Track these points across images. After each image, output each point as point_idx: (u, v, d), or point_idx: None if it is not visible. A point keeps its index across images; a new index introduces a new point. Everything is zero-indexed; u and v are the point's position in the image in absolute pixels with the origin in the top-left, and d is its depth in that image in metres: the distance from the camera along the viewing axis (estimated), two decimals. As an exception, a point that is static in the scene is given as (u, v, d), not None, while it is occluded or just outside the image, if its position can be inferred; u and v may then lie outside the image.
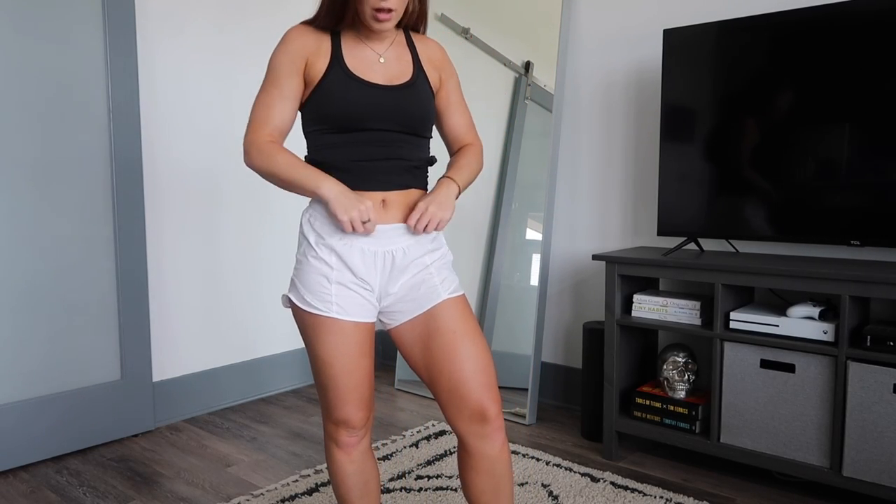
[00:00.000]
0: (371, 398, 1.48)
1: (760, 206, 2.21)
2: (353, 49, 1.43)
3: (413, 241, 1.45)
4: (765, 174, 2.19)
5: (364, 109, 1.39)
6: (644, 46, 2.66)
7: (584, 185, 2.86)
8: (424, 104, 1.45)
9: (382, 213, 1.43)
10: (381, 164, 1.42)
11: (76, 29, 2.48)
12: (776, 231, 2.19)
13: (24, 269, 2.40)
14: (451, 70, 1.56)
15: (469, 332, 1.44)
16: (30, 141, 2.40)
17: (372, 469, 1.53)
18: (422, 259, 1.46)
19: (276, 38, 3.12)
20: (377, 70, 1.43)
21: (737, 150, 2.24)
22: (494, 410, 1.42)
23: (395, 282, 1.44)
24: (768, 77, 2.16)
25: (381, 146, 1.41)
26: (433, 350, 1.44)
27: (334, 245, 1.41)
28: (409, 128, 1.44)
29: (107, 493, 2.23)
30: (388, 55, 1.46)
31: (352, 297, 1.41)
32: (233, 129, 2.99)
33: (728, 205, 2.27)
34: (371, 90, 1.40)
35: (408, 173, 1.45)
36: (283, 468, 2.41)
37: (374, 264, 1.42)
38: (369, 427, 1.51)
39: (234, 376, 3.06)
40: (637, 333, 2.50)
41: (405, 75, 1.45)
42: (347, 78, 1.39)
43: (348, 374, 1.42)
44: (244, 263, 3.08)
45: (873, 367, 1.91)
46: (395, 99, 1.41)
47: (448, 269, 1.51)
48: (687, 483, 2.24)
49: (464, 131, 1.59)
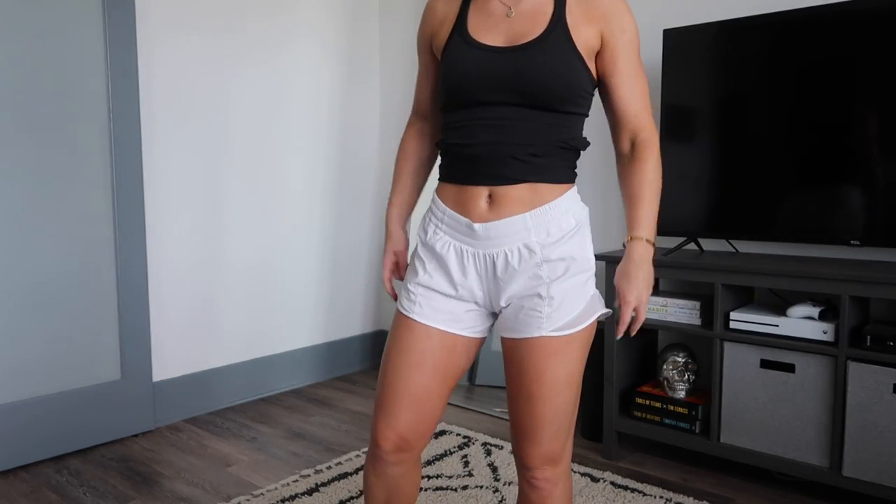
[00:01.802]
0: (416, 424, 1.25)
1: (760, 206, 2.21)
2: (481, 6, 1.22)
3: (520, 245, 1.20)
4: (765, 174, 2.19)
5: (471, 78, 1.17)
6: (644, 46, 2.66)
7: (584, 185, 2.86)
8: (556, 67, 1.15)
9: (486, 211, 1.21)
10: (486, 150, 1.19)
11: (76, 29, 2.48)
12: (776, 231, 2.19)
13: (24, 269, 2.40)
14: (625, 24, 1.20)
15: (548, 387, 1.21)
16: (30, 141, 2.39)
17: (403, 490, 1.32)
18: (535, 269, 1.21)
19: (277, 40, 3.12)
20: (501, 28, 1.19)
21: (736, 149, 2.24)
22: (537, 462, 1.25)
23: (503, 292, 1.23)
24: (768, 77, 2.16)
25: (490, 127, 1.18)
26: (509, 380, 1.27)
27: (434, 245, 1.27)
28: (533, 99, 1.16)
29: (107, 493, 2.23)
30: (521, 8, 1.19)
31: (439, 302, 1.25)
32: (233, 129, 2.99)
33: (728, 205, 2.27)
34: (484, 54, 1.17)
35: (522, 163, 1.18)
36: (283, 468, 2.41)
37: (473, 267, 1.24)
38: (404, 460, 1.28)
39: (235, 376, 3.06)
40: (637, 333, 2.50)
41: (535, 32, 1.17)
42: (463, 42, 1.20)
43: (400, 375, 1.24)
44: (244, 263, 3.08)
45: (873, 367, 1.91)
46: (512, 62, 1.15)
47: (576, 291, 1.21)
48: (687, 483, 2.24)
49: (633, 110, 1.23)
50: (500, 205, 1.20)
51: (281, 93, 3.15)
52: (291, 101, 3.20)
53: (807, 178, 2.12)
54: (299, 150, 3.25)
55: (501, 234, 1.20)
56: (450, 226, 1.25)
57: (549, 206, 1.21)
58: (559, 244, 1.21)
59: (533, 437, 1.24)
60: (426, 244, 1.29)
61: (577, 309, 1.22)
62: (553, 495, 1.28)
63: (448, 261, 1.25)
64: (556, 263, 1.21)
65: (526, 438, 1.25)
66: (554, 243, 1.21)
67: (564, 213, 1.22)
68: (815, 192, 2.11)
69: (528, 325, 1.21)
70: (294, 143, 3.23)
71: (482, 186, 1.21)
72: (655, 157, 1.24)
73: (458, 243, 1.24)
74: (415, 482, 1.34)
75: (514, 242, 1.20)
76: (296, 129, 3.23)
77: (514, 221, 1.20)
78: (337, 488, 2.21)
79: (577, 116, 1.22)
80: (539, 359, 1.21)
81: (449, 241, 1.25)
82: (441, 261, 1.26)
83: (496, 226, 1.20)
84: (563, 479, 1.29)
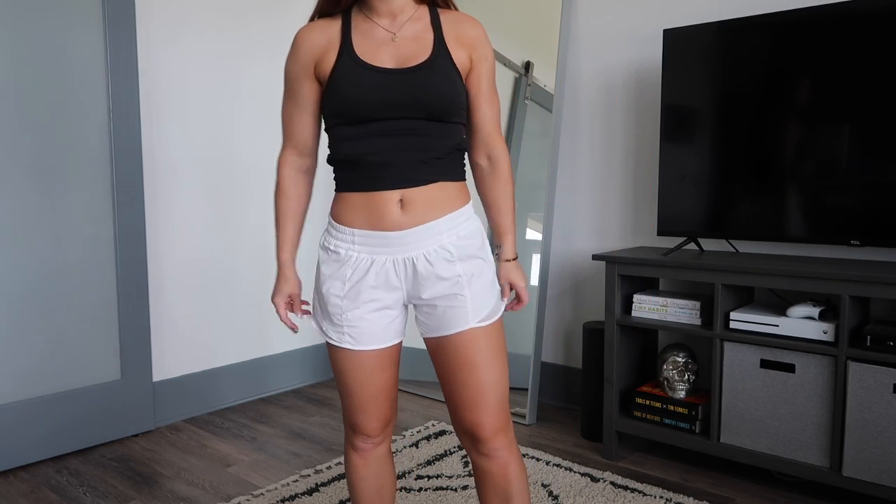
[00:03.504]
0: (388, 409, 1.44)
1: (760, 206, 2.21)
2: (364, 31, 1.32)
3: (436, 247, 1.33)
4: (765, 174, 2.19)
5: (372, 98, 1.27)
6: (644, 46, 2.66)
7: (584, 185, 2.86)
8: (446, 86, 1.29)
9: (399, 216, 1.31)
10: (395, 156, 1.29)
11: (76, 29, 2.48)
12: (776, 231, 2.19)
13: (24, 269, 2.40)
14: (486, 52, 1.37)
15: (484, 363, 1.35)
16: (30, 141, 2.40)
17: (388, 476, 1.50)
18: (452, 268, 1.34)
19: (275, 38, 3.12)
20: (388, 52, 1.30)
21: (737, 149, 2.24)
22: (488, 432, 1.37)
23: (424, 290, 1.34)
24: (768, 77, 2.16)
25: (395, 137, 1.29)
26: (445, 369, 1.39)
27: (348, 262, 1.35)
28: (429, 114, 1.29)
29: (107, 493, 2.23)
30: (403, 34, 1.32)
31: (367, 322, 1.36)
32: (233, 129, 2.99)
33: (728, 205, 2.27)
34: (379, 76, 1.28)
35: (428, 166, 1.31)
36: (283, 468, 2.41)
37: (394, 274, 1.34)
38: (387, 435, 1.48)
39: (234, 376, 3.06)
40: (637, 333, 2.50)
41: (422, 55, 1.30)
42: (354, 65, 1.29)
43: (361, 385, 1.40)
44: (245, 263, 3.08)
45: (873, 367, 1.91)
46: (407, 84, 1.28)
47: (487, 287, 1.38)
48: (687, 483, 2.24)
49: (489, 129, 1.42)
50: (413, 206, 1.31)
51: (281, 92, 3.15)
52: (291, 101, 3.19)
53: (807, 177, 2.12)
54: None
55: (418, 238, 1.32)
56: (363, 242, 1.34)
57: (458, 213, 1.36)
58: (470, 246, 1.36)
59: (482, 406, 1.36)
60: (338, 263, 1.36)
61: (492, 303, 1.39)
62: (510, 465, 1.40)
63: (368, 275, 1.34)
64: (470, 262, 1.36)
65: (476, 409, 1.36)
66: (465, 246, 1.35)
67: (469, 219, 1.38)
68: (815, 191, 2.11)
69: (456, 321, 1.34)
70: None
71: (393, 191, 1.31)
72: (510, 171, 1.46)
73: (375, 256, 1.33)
74: (394, 466, 1.53)
75: (431, 245, 1.32)
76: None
77: (430, 227, 1.32)
78: (337, 488, 2.21)
79: (461, 126, 1.38)
80: (471, 341, 1.35)
81: (366, 256, 1.34)
82: (360, 277, 1.34)
83: (413, 232, 1.31)
84: (516, 451, 1.42)
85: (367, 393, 1.40)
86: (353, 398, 1.42)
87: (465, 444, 1.43)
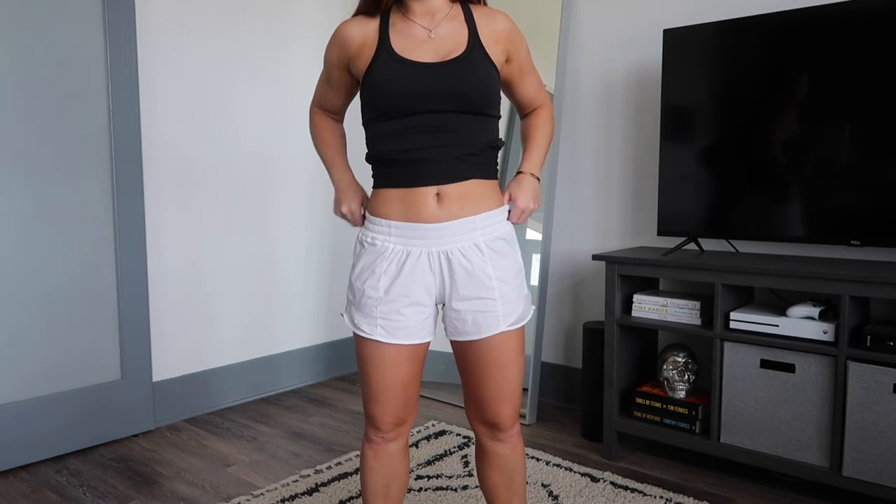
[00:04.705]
0: (402, 405, 1.45)
1: (760, 206, 2.21)
2: (401, 29, 1.37)
3: (471, 244, 1.37)
4: (765, 174, 2.19)
5: (411, 90, 1.31)
6: (644, 46, 2.66)
7: (584, 185, 2.86)
8: (482, 79, 1.34)
9: (436, 210, 1.35)
10: (432, 153, 1.34)
11: (76, 29, 2.48)
12: (776, 231, 2.19)
13: (23, 270, 2.40)
14: (519, 40, 1.45)
15: (511, 363, 1.43)
16: (30, 141, 2.39)
17: (397, 474, 1.51)
18: (484, 268, 1.38)
19: (276, 38, 3.12)
20: (426, 48, 1.34)
21: (737, 149, 2.24)
22: (509, 423, 1.47)
23: (455, 293, 1.38)
24: (768, 77, 2.16)
25: (431, 133, 1.33)
26: (473, 367, 1.44)
27: (384, 253, 1.38)
28: (466, 107, 1.34)
29: (107, 493, 2.23)
30: (439, 31, 1.37)
31: (402, 316, 1.38)
32: (233, 128, 2.99)
33: (728, 205, 2.27)
34: (418, 69, 1.32)
35: (463, 162, 1.36)
36: (283, 468, 2.41)
37: (429, 268, 1.38)
38: (401, 434, 1.49)
39: (234, 376, 3.06)
40: (637, 333, 2.50)
41: (458, 49, 1.35)
42: (392, 60, 1.33)
43: (379, 374, 1.42)
44: (244, 263, 3.08)
45: (873, 367, 1.91)
46: (446, 76, 1.32)
47: (516, 289, 1.43)
48: (687, 483, 2.24)
49: (533, 94, 1.53)
50: (449, 201, 1.35)
51: (281, 92, 3.15)
52: (291, 100, 3.20)
53: (807, 177, 2.12)
54: (299, 149, 3.25)
55: (454, 232, 1.36)
56: (399, 234, 1.37)
57: (494, 213, 1.40)
58: (503, 247, 1.41)
59: (506, 400, 1.45)
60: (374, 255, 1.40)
61: (521, 307, 1.44)
62: (518, 447, 1.52)
63: (404, 268, 1.37)
64: (503, 262, 1.40)
65: (501, 403, 1.45)
66: (500, 248, 1.40)
67: (501, 221, 1.43)
68: (815, 191, 2.11)
69: (487, 325, 1.39)
70: (294, 142, 3.23)
71: (430, 187, 1.35)
72: (548, 112, 1.54)
73: (411, 248, 1.37)
74: (407, 465, 1.53)
75: (466, 240, 1.37)
76: (296, 128, 3.23)
77: (466, 222, 1.36)
78: (337, 488, 2.21)
79: (496, 119, 1.42)
80: (502, 343, 1.41)
81: (402, 247, 1.37)
82: (396, 270, 1.38)
83: (449, 225, 1.35)
84: (521, 434, 1.54)
85: (384, 383, 1.42)
86: (369, 387, 1.44)
87: (482, 431, 1.50)
